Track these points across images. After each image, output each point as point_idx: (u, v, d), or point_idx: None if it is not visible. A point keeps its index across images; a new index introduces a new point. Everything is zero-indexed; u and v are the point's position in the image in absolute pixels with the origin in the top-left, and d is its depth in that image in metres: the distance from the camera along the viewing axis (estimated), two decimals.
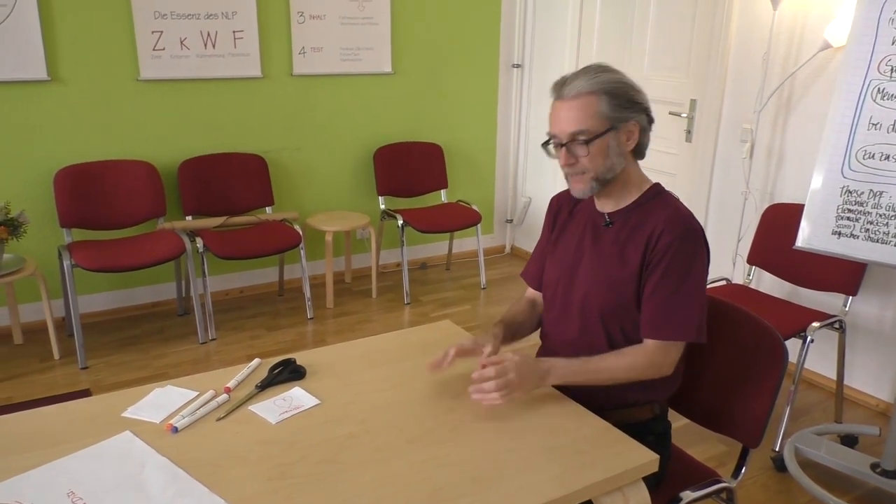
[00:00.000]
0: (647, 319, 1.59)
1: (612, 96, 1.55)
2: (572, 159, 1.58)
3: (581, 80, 1.55)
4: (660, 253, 1.57)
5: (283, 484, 1.28)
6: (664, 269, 1.56)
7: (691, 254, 1.57)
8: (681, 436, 1.87)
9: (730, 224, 3.53)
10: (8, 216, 3.10)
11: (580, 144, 1.55)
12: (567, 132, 1.56)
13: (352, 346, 1.86)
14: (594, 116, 1.54)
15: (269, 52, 3.95)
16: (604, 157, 1.57)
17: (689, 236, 1.57)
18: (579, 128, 1.54)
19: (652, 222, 1.59)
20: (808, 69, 3.09)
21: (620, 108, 1.56)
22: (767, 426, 1.65)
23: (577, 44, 4.38)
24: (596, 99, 1.54)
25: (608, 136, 1.56)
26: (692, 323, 1.56)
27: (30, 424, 1.45)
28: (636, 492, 1.38)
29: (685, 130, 3.69)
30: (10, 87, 3.38)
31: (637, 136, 1.60)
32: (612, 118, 1.55)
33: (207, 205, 3.86)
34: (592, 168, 1.58)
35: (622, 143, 1.59)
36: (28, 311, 3.61)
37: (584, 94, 1.54)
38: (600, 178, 1.59)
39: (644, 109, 1.60)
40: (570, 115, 1.55)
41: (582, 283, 1.68)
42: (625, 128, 1.58)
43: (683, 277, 1.56)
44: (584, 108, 1.54)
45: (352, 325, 3.84)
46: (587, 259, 1.68)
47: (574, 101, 1.55)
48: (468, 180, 4.86)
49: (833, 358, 2.99)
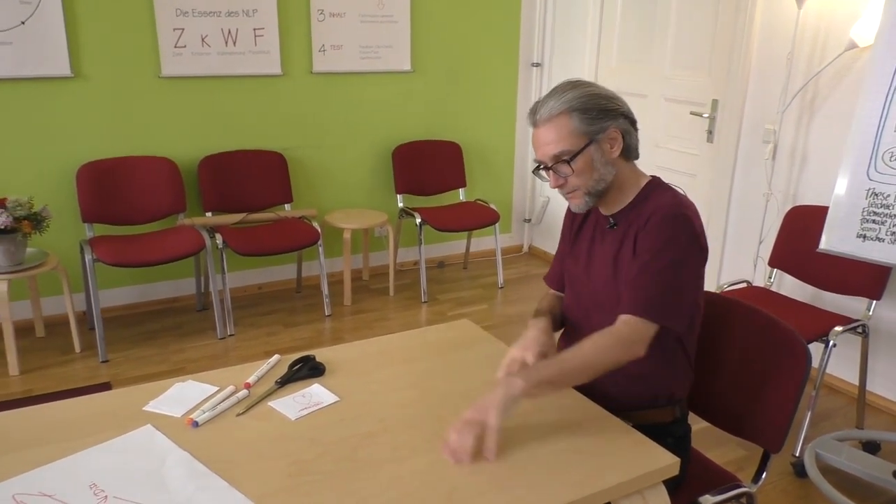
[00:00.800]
0: (624, 294, 1.58)
1: (583, 111, 1.55)
2: (561, 180, 1.59)
3: (550, 102, 1.56)
4: (644, 233, 1.58)
5: (301, 480, 1.28)
6: (639, 248, 1.57)
7: (668, 236, 1.54)
8: (700, 439, 1.86)
9: (751, 226, 3.49)
10: (31, 211, 3.13)
11: (563, 164, 1.57)
12: (549, 155, 1.57)
13: (370, 343, 1.87)
14: (570, 135, 1.55)
15: (289, 49, 3.96)
16: (590, 172, 1.58)
17: (669, 220, 1.55)
18: (558, 149, 1.56)
19: (646, 213, 1.60)
20: (833, 69, 3.05)
21: (594, 121, 1.56)
22: (789, 431, 1.63)
23: (597, 42, 4.36)
24: (567, 118, 1.55)
25: (589, 151, 1.56)
26: (655, 302, 1.52)
27: (52, 417, 1.47)
28: (656, 495, 1.37)
29: (706, 131, 3.66)
30: (34, 84, 3.42)
31: (621, 140, 1.60)
32: (588, 132, 1.56)
33: (227, 201, 3.88)
34: (582, 184, 1.59)
35: (606, 152, 1.59)
36: (50, 304, 3.65)
37: (555, 116, 1.55)
38: (592, 191, 1.61)
39: (621, 114, 1.60)
40: (547, 139, 1.57)
41: (592, 283, 1.70)
42: (605, 137, 1.57)
43: (654, 257, 1.54)
44: (558, 129, 1.55)
45: (369, 323, 3.85)
46: (597, 260, 1.70)
47: (547, 124, 1.56)
48: (487, 179, 4.85)
49: (855, 363, 2.95)
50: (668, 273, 1.54)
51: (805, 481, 2.55)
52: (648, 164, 3.46)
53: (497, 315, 4.01)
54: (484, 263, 4.82)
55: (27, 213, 3.11)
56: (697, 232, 1.57)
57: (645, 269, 1.55)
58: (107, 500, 1.22)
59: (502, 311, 4.07)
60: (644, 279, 1.55)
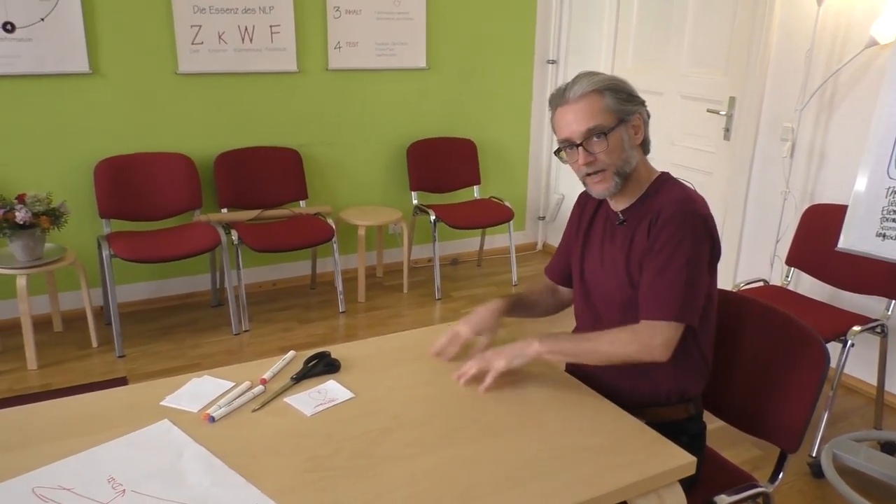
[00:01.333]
0: (640, 299, 1.59)
1: (615, 91, 1.59)
2: (591, 157, 1.58)
3: (582, 81, 1.59)
4: (655, 233, 1.57)
5: (317, 476, 1.29)
6: (655, 248, 1.57)
7: (682, 234, 1.54)
8: (715, 438, 1.85)
9: (768, 224, 3.46)
10: (50, 206, 3.16)
11: (596, 141, 1.57)
12: (581, 131, 1.57)
13: (385, 340, 1.87)
14: (603, 112, 1.57)
15: (305, 46, 3.97)
16: (620, 151, 1.59)
17: (681, 217, 1.55)
18: (592, 123, 1.56)
19: (657, 206, 1.60)
20: (853, 67, 3.01)
21: (625, 102, 1.59)
22: (806, 431, 1.62)
23: (613, 39, 4.34)
24: (600, 96, 1.57)
25: (620, 130, 1.59)
26: (675, 304, 1.53)
27: (70, 411, 1.48)
28: (672, 494, 1.36)
29: (723, 128, 3.63)
30: (53, 80, 3.45)
31: (642, 129, 1.64)
32: (619, 111, 1.58)
33: (242, 198, 3.90)
34: (612, 162, 1.59)
35: (631, 136, 1.62)
36: (68, 299, 3.68)
37: (588, 94, 1.57)
38: (620, 171, 1.60)
39: (643, 103, 1.64)
40: (579, 115, 1.57)
41: (604, 279, 1.70)
42: (632, 121, 1.61)
43: (670, 257, 1.54)
44: (591, 105, 1.57)
45: (383, 320, 3.85)
46: (607, 258, 1.70)
47: (580, 101, 1.58)
48: (501, 176, 4.84)
49: (874, 363, 2.92)
50: (684, 273, 1.54)
51: (822, 482, 2.53)
52: (664, 162, 3.44)
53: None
54: (498, 261, 4.82)
55: (46, 209, 3.14)
56: (708, 225, 1.57)
57: (662, 273, 1.54)
58: (125, 493, 1.23)
59: None
60: (661, 283, 1.54)
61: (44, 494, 1.22)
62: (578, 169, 1.62)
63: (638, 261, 1.61)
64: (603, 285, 1.71)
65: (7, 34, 3.28)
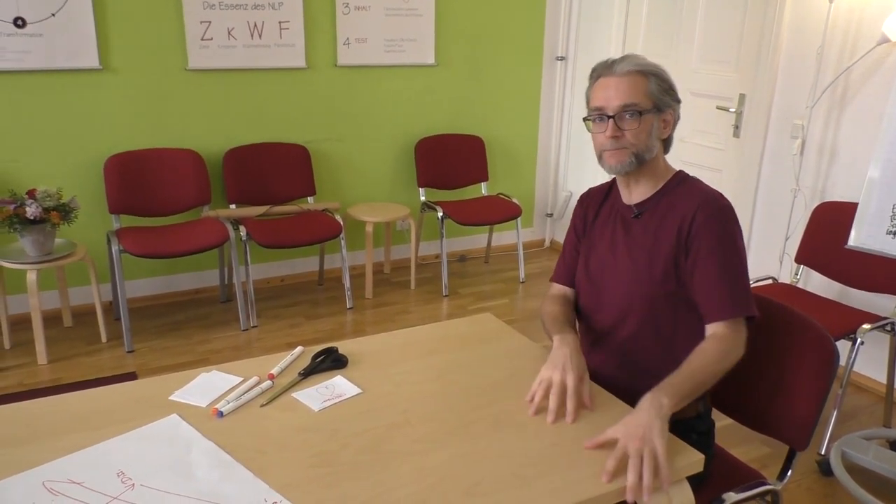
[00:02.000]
0: (704, 305, 1.58)
1: (660, 80, 1.62)
2: (619, 132, 1.59)
3: (630, 60, 1.61)
4: (698, 235, 1.57)
5: (324, 471, 1.29)
6: (706, 249, 1.57)
7: (729, 229, 1.57)
8: (724, 436, 1.84)
9: (777, 222, 3.45)
10: (60, 202, 3.18)
11: (629, 118, 1.58)
12: (617, 105, 1.58)
13: (393, 336, 1.87)
14: (644, 94, 1.59)
15: (313, 42, 3.97)
16: (647, 135, 1.60)
17: (722, 213, 1.58)
18: (631, 101, 1.58)
19: (682, 208, 1.61)
20: (865, 64, 2.99)
21: (665, 93, 1.62)
22: (815, 429, 1.61)
23: (622, 36, 4.32)
24: (645, 79, 1.60)
25: (652, 116, 1.61)
26: (745, 298, 1.56)
27: (80, 405, 1.49)
28: (680, 491, 1.36)
29: (733, 125, 3.62)
30: (63, 76, 3.46)
31: (671, 126, 1.66)
32: (658, 100, 1.61)
33: (251, 193, 3.91)
34: (636, 143, 1.60)
35: (660, 128, 1.63)
36: (77, 294, 3.70)
37: (635, 73, 1.60)
38: (640, 154, 1.61)
39: (679, 102, 1.66)
40: (621, 89, 1.59)
41: (619, 274, 1.68)
42: (665, 114, 1.63)
43: (727, 253, 1.56)
44: (636, 84, 1.59)
45: (390, 316, 3.86)
46: (621, 251, 1.69)
47: (626, 77, 1.59)
48: (509, 173, 4.84)
49: (883, 361, 2.90)
50: (742, 266, 1.57)
51: (831, 480, 2.52)
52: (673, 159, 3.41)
53: (518, 309, 4.01)
54: (505, 258, 4.81)
55: (56, 204, 3.15)
56: (738, 220, 1.62)
57: (725, 272, 1.55)
58: (134, 487, 1.23)
59: (524, 306, 4.06)
60: (727, 282, 1.55)
61: (54, 488, 1.23)
62: (602, 141, 1.62)
63: (664, 261, 1.60)
64: (615, 279, 1.69)
65: (18, 29, 3.30)
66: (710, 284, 1.56)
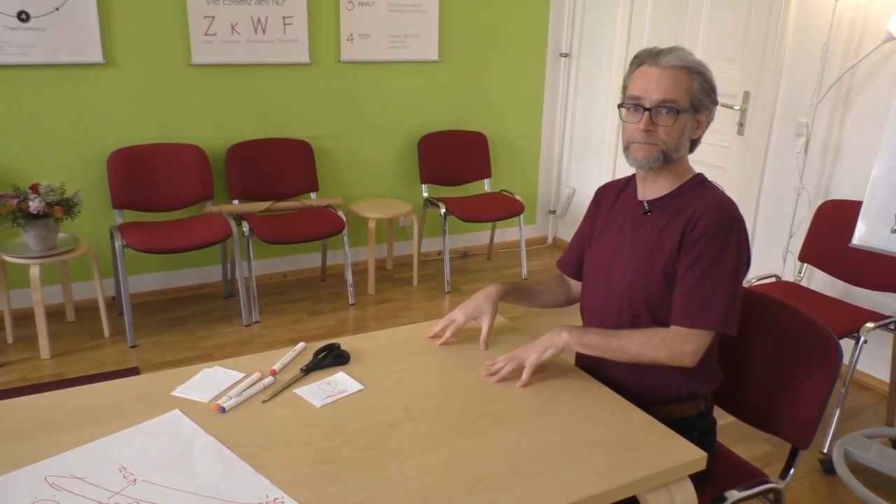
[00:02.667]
0: (675, 306, 1.57)
1: (703, 80, 1.57)
2: (652, 126, 1.56)
3: (678, 54, 1.56)
4: (694, 238, 1.55)
5: (326, 468, 1.29)
6: (696, 254, 1.55)
7: (725, 242, 1.53)
8: (726, 434, 1.84)
9: (781, 220, 3.44)
10: (63, 196, 3.18)
11: (666, 114, 1.55)
12: (657, 98, 1.54)
13: (395, 332, 1.87)
14: (685, 92, 1.55)
15: (317, 38, 3.97)
16: (679, 134, 1.57)
17: (724, 224, 1.54)
18: (671, 97, 1.54)
19: (691, 209, 1.58)
20: (870, 62, 2.98)
21: (705, 94, 1.58)
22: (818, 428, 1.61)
23: (627, 33, 4.31)
24: (689, 76, 1.56)
25: (688, 116, 1.57)
26: (717, 312, 1.52)
27: (82, 400, 1.49)
28: (682, 489, 1.36)
29: (737, 123, 3.61)
30: (67, 70, 3.46)
31: (704, 128, 1.63)
32: (696, 100, 1.57)
33: (254, 189, 3.91)
34: (667, 141, 1.57)
35: (692, 128, 1.60)
36: (80, 289, 3.71)
37: (680, 68, 1.55)
38: (668, 153, 1.58)
39: (716, 104, 1.62)
40: (663, 83, 1.54)
41: (621, 270, 1.67)
42: (700, 115, 1.59)
43: (714, 264, 1.53)
44: (678, 80, 1.55)
45: (393, 312, 3.86)
46: (627, 247, 1.67)
47: (670, 71, 1.55)
48: (512, 170, 4.83)
49: (886, 359, 2.90)
50: (728, 282, 1.53)
51: (833, 478, 2.52)
52: None
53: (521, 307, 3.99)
54: (508, 255, 4.81)
55: (59, 199, 3.15)
56: (746, 236, 1.58)
57: (703, 281, 1.53)
58: (136, 483, 1.24)
59: None
60: (701, 292, 1.53)
61: (56, 483, 1.23)
62: (632, 132, 1.58)
63: (665, 261, 1.59)
64: (617, 275, 1.68)
65: (22, 23, 3.30)
66: (685, 290, 1.55)
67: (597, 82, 4.59)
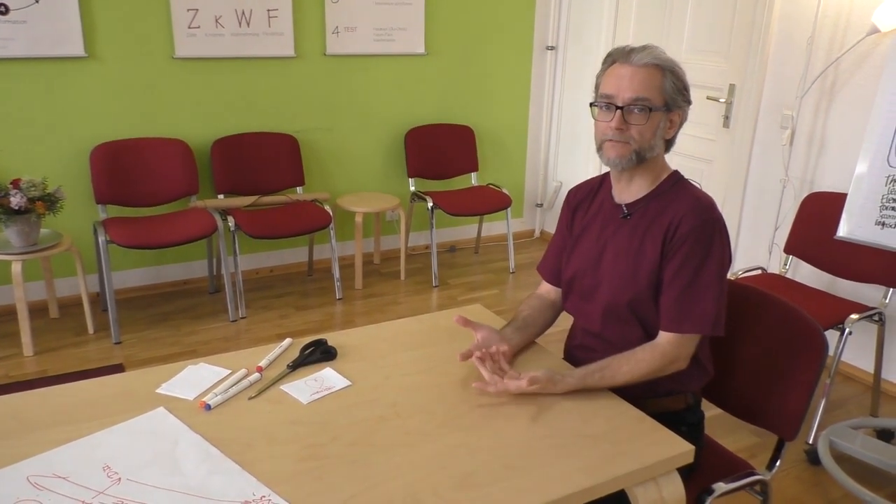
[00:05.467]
0: (664, 312, 1.57)
1: (676, 78, 1.56)
2: (624, 125, 1.55)
3: (650, 53, 1.55)
4: (677, 243, 1.55)
5: (313, 464, 1.28)
6: (681, 259, 1.54)
7: (708, 244, 1.54)
8: (713, 426, 1.84)
9: (767, 212, 3.45)
10: (45, 192, 3.14)
11: (638, 113, 1.54)
12: (629, 97, 1.54)
13: (382, 328, 1.86)
14: (657, 90, 1.54)
15: (302, 31, 3.94)
16: (652, 133, 1.56)
17: (706, 227, 1.54)
18: (644, 95, 1.53)
19: (671, 212, 1.57)
20: (854, 54, 2.99)
21: (678, 92, 1.57)
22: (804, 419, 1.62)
23: (613, 26, 4.30)
24: (662, 74, 1.55)
25: (661, 114, 1.56)
26: (708, 316, 1.53)
27: (66, 398, 1.47)
28: (670, 482, 1.36)
29: (723, 116, 3.62)
30: (48, 63, 3.41)
31: (677, 126, 1.61)
32: (669, 98, 1.56)
33: (239, 184, 3.88)
34: (639, 140, 1.55)
35: (665, 127, 1.59)
36: (64, 285, 3.67)
37: (652, 66, 1.54)
38: (641, 153, 1.57)
39: (689, 103, 1.61)
40: (635, 81, 1.53)
41: (604, 275, 1.66)
42: (673, 113, 1.58)
43: (699, 268, 1.53)
44: (651, 78, 1.54)
45: (380, 307, 3.85)
46: (609, 252, 1.66)
47: (643, 69, 1.54)
48: (499, 164, 4.83)
49: (871, 351, 2.92)
50: (714, 285, 1.54)
51: (819, 469, 2.54)
52: None
53: (508, 300, 4.00)
54: (495, 248, 4.81)
55: (41, 194, 3.11)
56: (726, 233, 1.58)
57: (691, 287, 1.54)
58: (120, 481, 1.22)
59: (513, 296, 4.06)
60: (691, 297, 1.54)
61: (38, 482, 1.21)
62: (604, 130, 1.57)
63: (648, 267, 1.58)
64: (602, 282, 1.66)
65: (1, 16, 3.25)
66: (673, 295, 1.55)
67: (583, 75, 4.58)
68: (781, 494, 2.42)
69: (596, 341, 1.70)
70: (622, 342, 1.61)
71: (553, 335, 1.85)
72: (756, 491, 1.73)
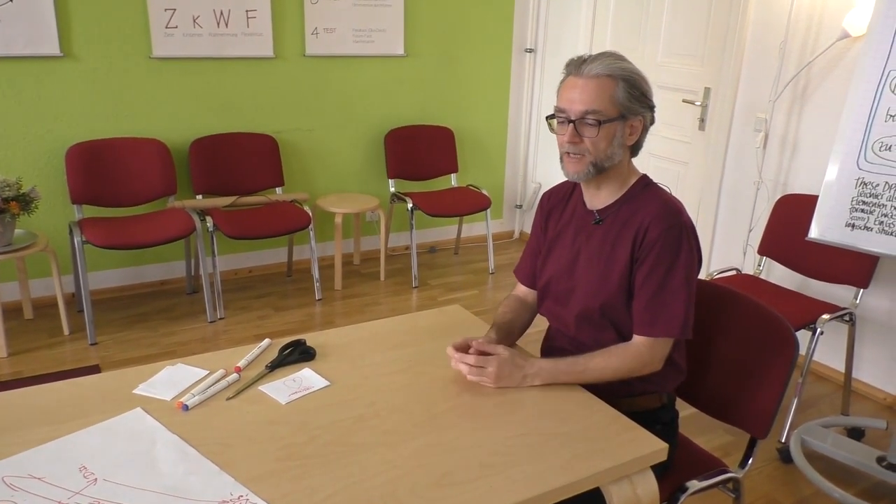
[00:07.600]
0: (636, 316, 1.59)
1: (631, 86, 1.55)
2: (577, 138, 1.56)
3: (604, 60, 1.54)
4: (647, 248, 1.56)
5: (291, 464, 1.29)
6: (650, 264, 1.56)
7: (676, 249, 1.55)
8: (687, 425, 1.87)
9: (741, 214, 3.51)
10: (20, 192, 3.10)
11: (590, 125, 1.54)
12: (579, 110, 1.54)
13: (361, 328, 1.87)
14: (609, 100, 1.53)
15: (281, 32, 3.93)
16: (607, 144, 1.56)
17: (674, 231, 1.55)
18: (593, 107, 1.53)
19: (640, 217, 1.59)
20: (826, 59, 3.05)
21: (634, 100, 1.55)
22: (776, 418, 1.65)
23: (591, 29, 4.34)
24: (614, 84, 1.53)
25: (616, 124, 1.55)
26: (678, 320, 1.55)
27: (41, 399, 1.46)
28: (644, 480, 1.38)
29: (698, 119, 3.66)
30: (23, 63, 3.38)
31: (639, 132, 1.61)
32: (624, 107, 1.55)
33: (218, 184, 3.86)
34: (594, 152, 1.56)
35: (625, 135, 1.58)
36: (38, 286, 3.63)
37: (603, 77, 1.53)
38: (598, 164, 1.57)
39: (651, 108, 1.61)
40: (585, 94, 1.53)
41: (578, 281, 1.68)
42: (632, 121, 1.57)
43: (668, 273, 1.55)
44: (601, 89, 1.53)
45: (360, 308, 3.85)
46: (582, 257, 1.68)
47: (593, 80, 1.53)
48: (478, 165, 4.85)
49: (842, 350, 2.97)
50: (683, 288, 1.55)
51: (791, 467, 2.58)
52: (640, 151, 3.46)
53: (488, 300, 4.02)
54: (475, 249, 4.83)
55: (15, 194, 3.08)
56: (695, 235, 1.59)
57: (661, 291, 1.55)
58: (97, 482, 1.22)
59: (493, 297, 4.08)
60: (661, 301, 1.55)
61: (14, 484, 1.21)
62: (562, 143, 1.59)
63: (620, 271, 1.60)
64: (575, 287, 1.68)
65: None
66: (644, 300, 1.57)
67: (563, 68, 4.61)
68: (754, 492, 2.45)
69: (571, 345, 1.72)
70: (596, 346, 1.62)
71: (531, 336, 1.87)
72: (729, 489, 1.76)
